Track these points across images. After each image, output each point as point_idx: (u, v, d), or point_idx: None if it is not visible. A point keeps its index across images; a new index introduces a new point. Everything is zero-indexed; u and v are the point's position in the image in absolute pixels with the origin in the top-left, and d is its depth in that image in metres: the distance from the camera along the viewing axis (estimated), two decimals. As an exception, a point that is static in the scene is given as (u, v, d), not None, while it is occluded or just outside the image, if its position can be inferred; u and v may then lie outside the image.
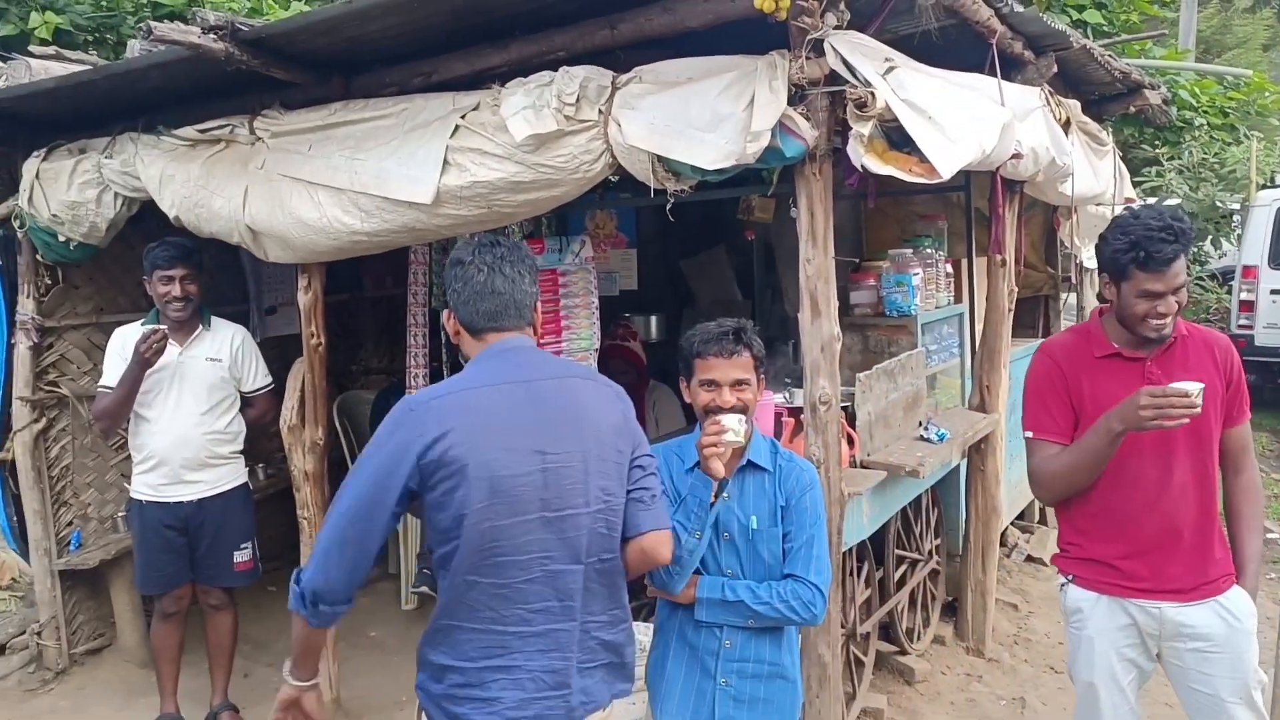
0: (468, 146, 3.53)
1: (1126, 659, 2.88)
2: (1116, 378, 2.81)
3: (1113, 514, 2.84)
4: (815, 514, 2.72)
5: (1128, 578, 2.84)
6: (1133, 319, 2.75)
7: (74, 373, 5.28)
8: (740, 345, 2.65)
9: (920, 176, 3.03)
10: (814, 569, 2.66)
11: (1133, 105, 5.98)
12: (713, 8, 3.24)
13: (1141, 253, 2.66)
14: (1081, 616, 2.93)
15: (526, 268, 2.46)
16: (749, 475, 2.71)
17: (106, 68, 4.31)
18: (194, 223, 4.24)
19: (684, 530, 2.59)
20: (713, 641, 2.69)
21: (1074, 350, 2.92)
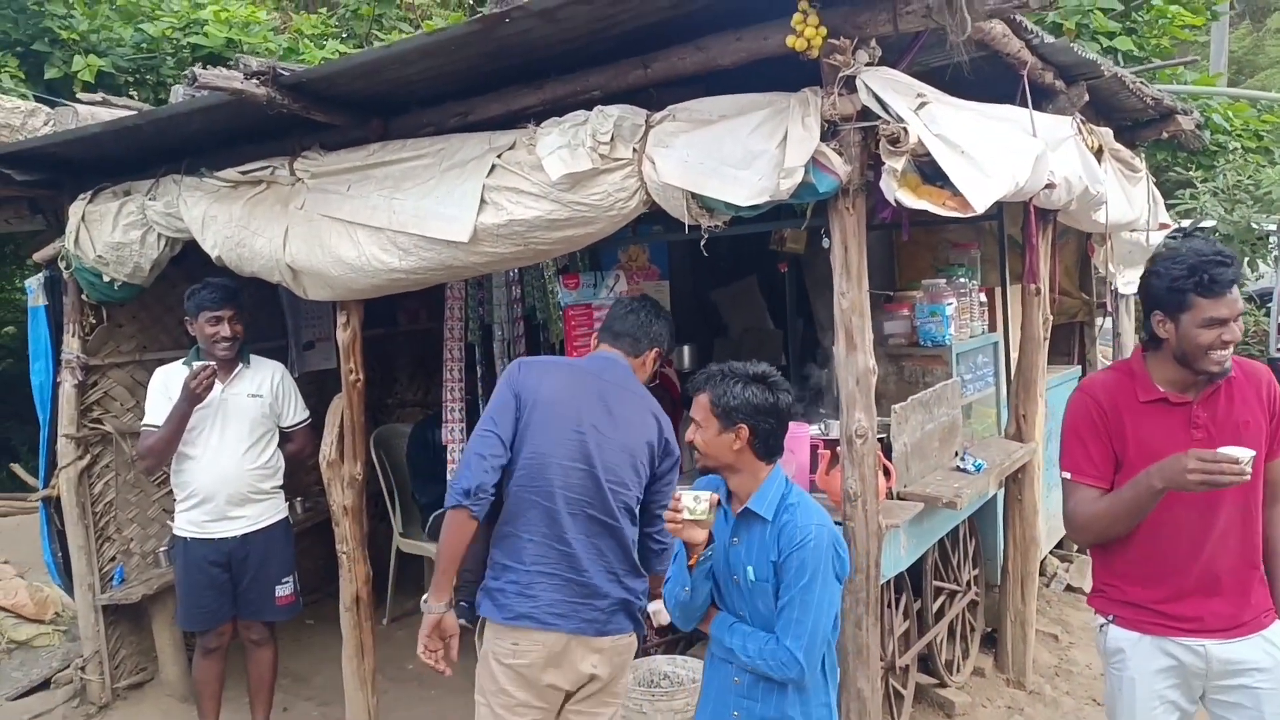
0: (504, 185, 3.58)
1: (1168, 701, 2.80)
2: (1161, 424, 2.74)
3: (1151, 560, 2.78)
4: (800, 574, 2.61)
5: (1170, 619, 2.77)
6: (1196, 352, 2.64)
7: (117, 410, 5.37)
8: (699, 391, 2.77)
9: (954, 210, 3.04)
10: (791, 633, 2.60)
11: (1165, 131, 5.97)
12: (745, 46, 3.28)
13: (1204, 276, 2.58)
14: (1123, 658, 2.85)
15: (662, 320, 3.36)
16: (754, 523, 2.70)
17: (151, 113, 4.41)
18: (235, 262, 4.32)
19: (675, 583, 2.73)
20: (727, 674, 2.75)
21: (1117, 391, 2.83)
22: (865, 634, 3.42)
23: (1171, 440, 2.68)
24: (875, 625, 3.47)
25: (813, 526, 2.65)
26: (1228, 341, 2.63)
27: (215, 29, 8.26)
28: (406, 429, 6.33)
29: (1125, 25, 7.73)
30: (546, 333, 6.14)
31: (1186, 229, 10.28)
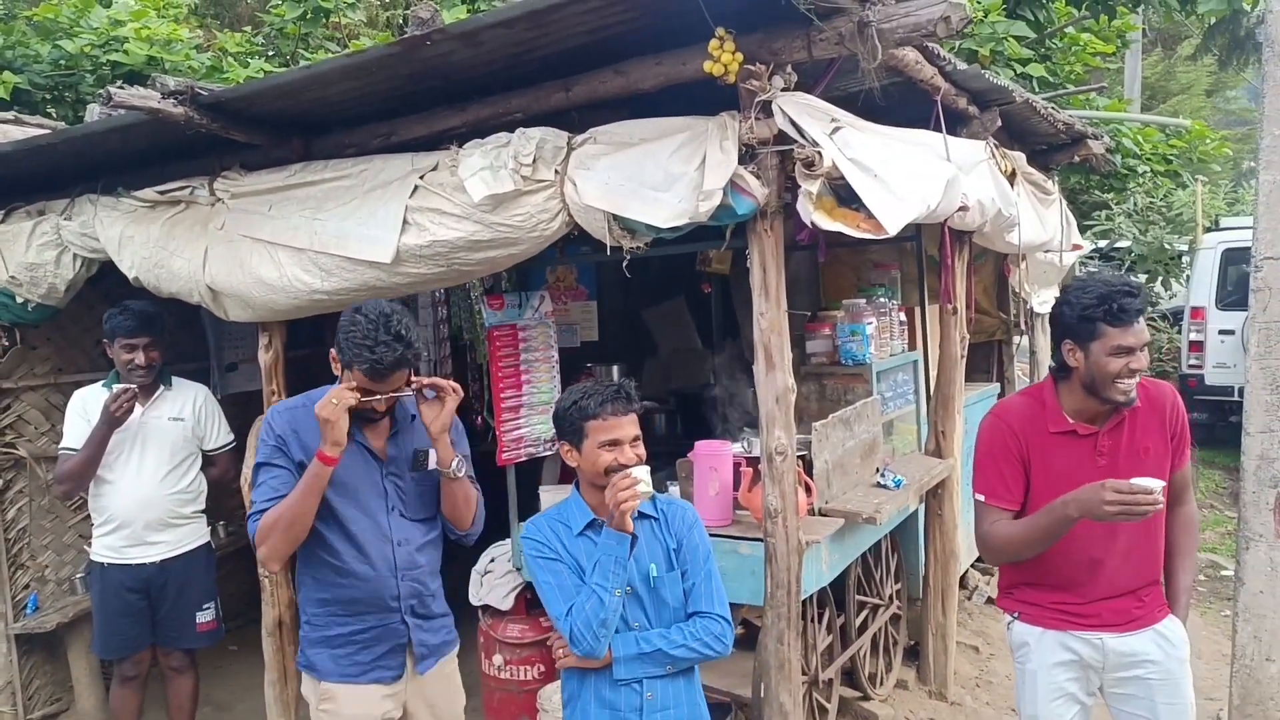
0: (427, 206, 3.59)
1: (1067, 693, 2.93)
2: (1069, 455, 2.84)
3: (1057, 572, 2.90)
4: (706, 550, 2.79)
5: (1070, 616, 2.91)
6: (1104, 380, 2.73)
7: (31, 434, 5.24)
8: (631, 402, 2.71)
9: (868, 232, 3.12)
10: (717, 602, 2.73)
11: (1077, 155, 6.16)
12: (664, 71, 3.34)
13: (1113, 305, 2.68)
14: (1027, 650, 2.98)
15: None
16: (640, 524, 2.72)
17: (65, 131, 4.34)
18: (154, 283, 4.25)
19: (605, 591, 2.59)
20: (635, 698, 2.69)
21: (1028, 419, 2.92)
22: (787, 649, 3.47)
23: (1078, 469, 2.79)
24: (797, 640, 3.53)
25: (687, 506, 2.89)
26: (1134, 370, 2.73)
27: (136, 46, 8.11)
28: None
29: (1039, 53, 7.97)
30: (473, 353, 6.14)
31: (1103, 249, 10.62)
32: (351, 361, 2.81)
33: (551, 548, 2.73)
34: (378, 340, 2.74)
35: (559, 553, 2.72)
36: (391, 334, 2.75)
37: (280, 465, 2.91)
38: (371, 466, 2.98)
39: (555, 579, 2.70)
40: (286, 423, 2.96)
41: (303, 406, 2.99)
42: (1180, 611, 2.93)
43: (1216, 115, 21.56)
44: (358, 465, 2.95)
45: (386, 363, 2.76)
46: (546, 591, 2.71)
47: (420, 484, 3.06)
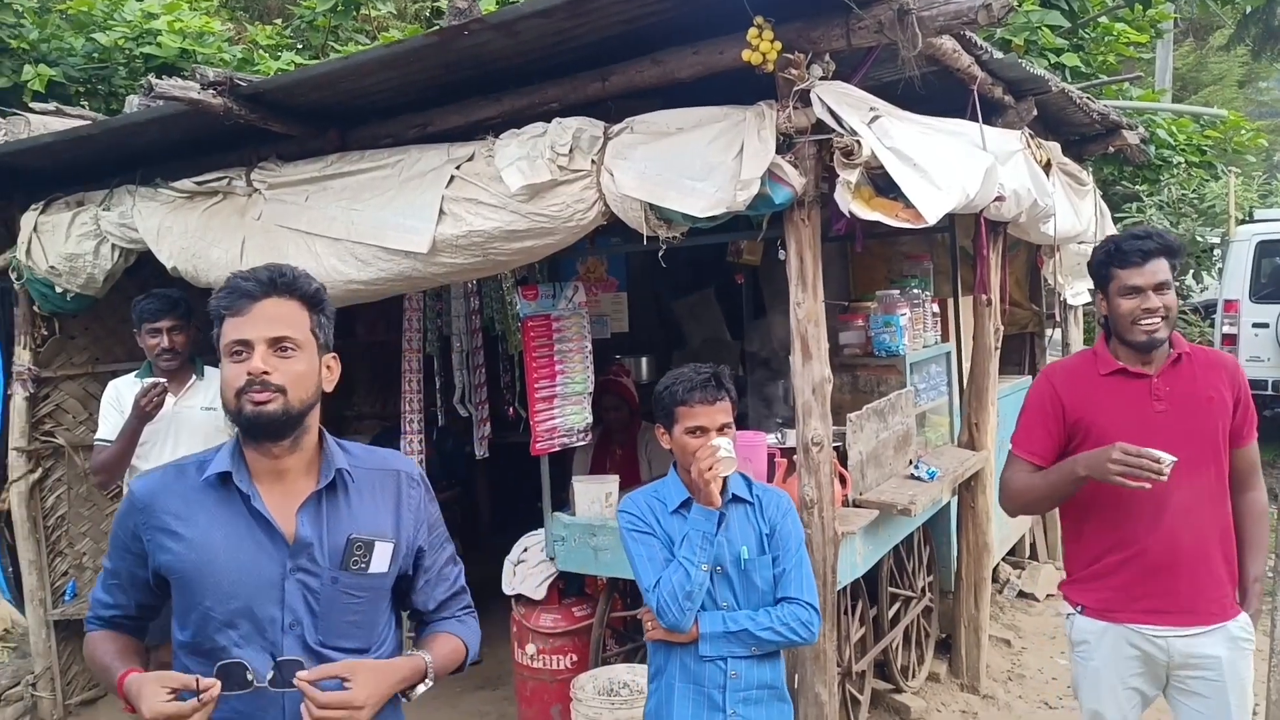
0: (463, 196, 3.60)
1: (1131, 688, 2.89)
2: (1121, 395, 2.84)
3: (1113, 534, 2.85)
4: (798, 537, 2.82)
5: (1132, 600, 2.84)
6: (1123, 323, 2.79)
7: (70, 423, 5.30)
8: (721, 390, 2.72)
9: (906, 222, 3.11)
10: (806, 589, 2.76)
11: (1111, 145, 6.11)
12: (701, 60, 3.33)
13: (1121, 247, 2.79)
14: (1088, 648, 2.94)
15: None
16: (733, 508, 2.77)
17: (105, 123, 4.38)
18: (191, 273, 4.29)
19: (692, 565, 2.64)
20: (719, 675, 2.73)
21: (1075, 371, 2.96)
22: (822, 640, 3.46)
23: (1132, 410, 2.79)
24: (832, 631, 3.53)
25: (783, 494, 2.88)
26: (1149, 310, 2.75)
27: (169, 39, 8.17)
28: (365, 441, 6.30)
29: (1072, 42, 7.90)
30: (505, 344, 6.16)
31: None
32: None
33: (645, 522, 2.78)
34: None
35: (652, 527, 2.77)
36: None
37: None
38: (265, 551, 1.92)
39: (646, 551, 2.76)
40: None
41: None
42: (1251, 605, 2.86)
43: (1249, 106, 21.31)
44: (241, 546, 1.91)
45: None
46: (637, 564, 2.76)
47: (350, 592, 1.98)
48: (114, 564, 2.06)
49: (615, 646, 4.47)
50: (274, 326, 1.92)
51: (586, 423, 4.48)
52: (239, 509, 1.94)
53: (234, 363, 1.92)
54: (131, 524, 1.98)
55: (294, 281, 1.97)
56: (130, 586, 2.05)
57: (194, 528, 1.93)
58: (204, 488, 1.95)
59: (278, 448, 1.95)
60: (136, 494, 1.99)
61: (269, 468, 1.97)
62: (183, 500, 1.95)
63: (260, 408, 1.89)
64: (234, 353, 1.92)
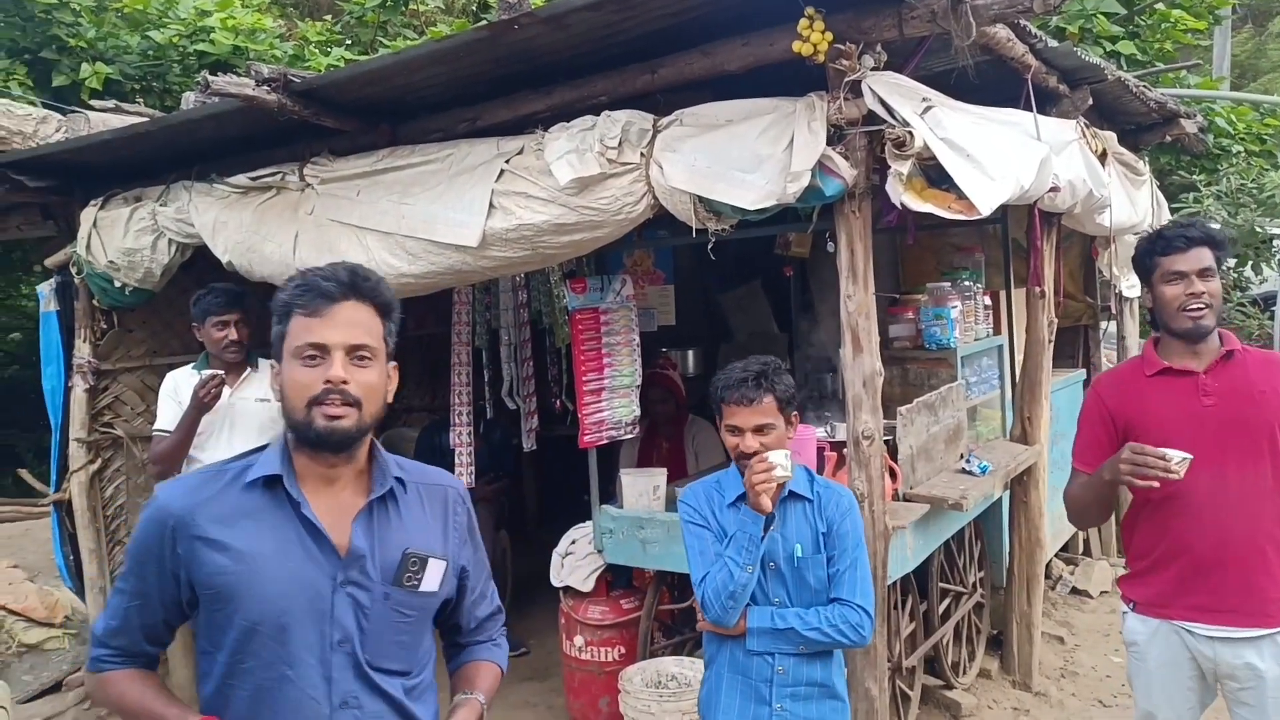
0: (512, 190, 3.62)
1: (1186, 689, 2.86)
2: (1168, 393, 2.81)
3: (1164, 530, 2.82)
4: (856, 538, 2.76)
5: (1182, 595, 2.80)
6: (1168, 312, 2.77)
7: (128, 414, 5.40)
8: (761, 390, 2.65)
9: (959, 213, 3.07)
10: (860, 592, 2.71)
11: (1169, 134, 5.99)
12: (751, 51, 3.32)
13: (1160, 238, 2.78)
14: (1139, 649, 2.92)
15: None
16: (791, 504, 2.75)
17: (162, 119, 4.46)
18: (246, 267, 4.36)
19: (736, 565, 2.63)
20: (766, 669, 2.72)
21: (1122, 378, 2.95)
22: (874, 635, 3.44)
23: (1180, 407, 2.75)
24: (882, 626, 3.50)
25: (845, 492, 2.84)
26: (1194, 295, 2.72)
27: (222, 36, 8.31)
28: (414, 433, 6.37)
29: (1128, 29, 7.76)
30: (552, 337, 6.18)
31: (1190, 232, 10.33)
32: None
33: (702, 514, 2.78)
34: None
35: (708, 520, 2.77)
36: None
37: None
38: (315, 562, 1.79)
39: (699, 544, 2.76)
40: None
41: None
42: None
43: (1310, 94, 20.77)
44: (289, 554, 1.78)
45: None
46: (691, 555, 2.78)
47: (400, 610, 1.86)
48: (135, 584, 1.83)
49: (663, 639, 4.48)
50: (353, 333, 1.79)
51: (634, 415, 4.49)
52: (287, 515, 1.79)
53: (307, 367, 1.77)
54: (164, 535, 1.78)
55: (376, 286, 1.85)
56: (159, 606, 1.83)
57: (240, 536, 1.77)
58: (246, 492, 1.80)
59: (335, 457, 1.83)
60: (168, 503, 1.80)
61: (320, 474, 1.84)
62: (225, 506, 1.79)
63: (334, 423, 1.76)
64: (308, 356, 1.77)
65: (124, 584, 1.85)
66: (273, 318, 1.84)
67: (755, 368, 2.68)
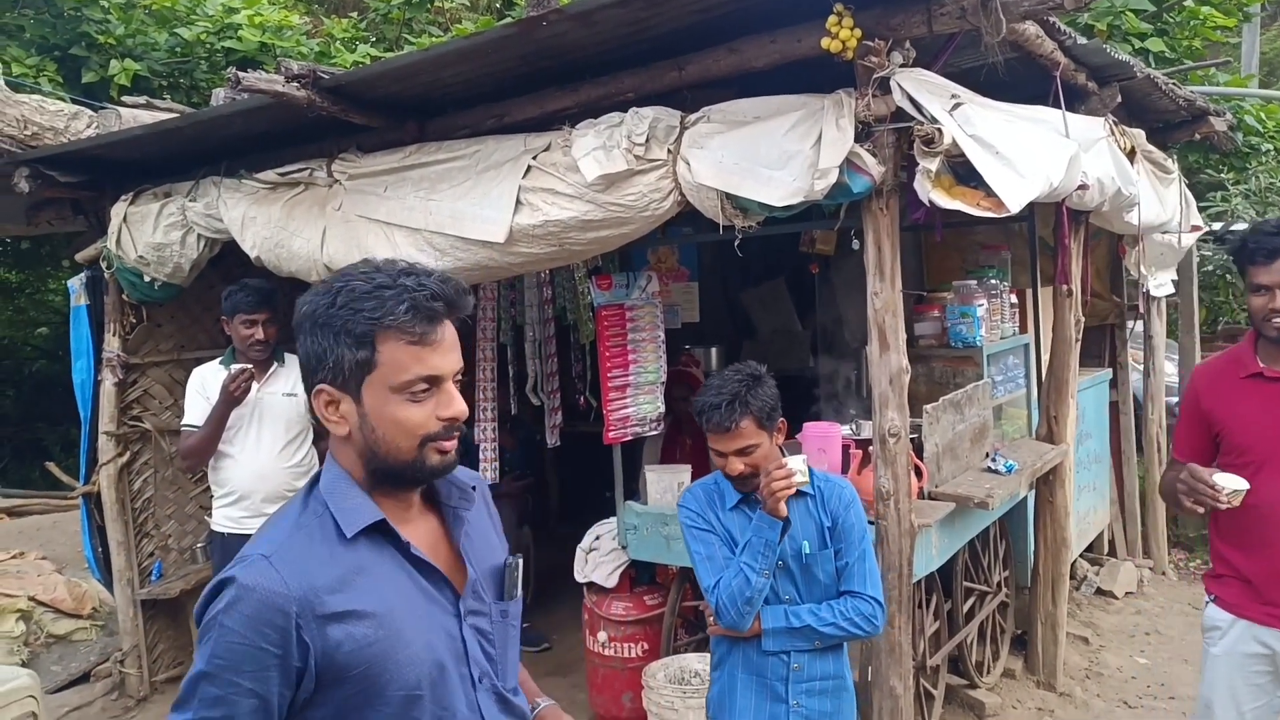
0: (539, 186, 3.63)
1: (1254, 685, 2.86)
2: (1258, 399, 2.81)
3: (1248, 536, 2.83)
4: (861, 529, 2.76)
5: (1268, 604, 2.80)
6: (1256, 319, 2.80)
7: (156, 408, 5.45)
8: (735, 415, 2.59)
9: (988, 211, 3.06)
10: (870, 583, 2.72)
11: (1198, 132, 5.95)
12: (779, 48, 3.31)
13: (1249, 244, 2.76)
14: (1217, 634, 2.93)
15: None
16: (794, 501, 2.71)
17: (192, 115, 4.50)
18: (274, 262, 4.39)
19: (753, 571, 2.62)
20: (781, 667, 2.73)
21: (1219, 372, 2.96)
22: (898, 632, 3.44)
23: (1269, 416, 2.76)
24: (907, 624, 3.49)
25: (846, 485, 2.83)
26: (1276, 310, 2.72)
27: (249, 33, 8.36)
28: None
29: (1157, 27, 7.68)
30: (576, 333, 6.19)
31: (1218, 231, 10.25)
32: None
33: (705, 519, 2.77)
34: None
35: (712, 524, 2.76)
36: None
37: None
38: (438, 603, 1.61)
39: (706, 550, 2.74)
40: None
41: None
42: None
43: (1340, 92, 20.53)
44: (415, 604, 1.57)
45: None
46: (698, 563, 2.76)
47: (513, 623, 1.76)
48: (231, 708, 1.43)
49: (686, 635, 4.48)
50: (457, 356, 1.57)
51: (659, 412, 4.50)
52: (395, 559, 1.55)
53: (416, 402, 1.52)
54: (286, 628, 1.42)
55: (466, 297, 1.59)
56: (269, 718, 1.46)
57: (366, 598, 1.49)
58: (347, 547, 1.51)
59: (417, 489, 1.65)
60: (274, 584, 1.43)
61: (398, 507, 1.61)
62: (338, 568, 1.49)
63: (447, 458, 1.57)
64: (421, 390, 1.52)
65: (211, 712, 1.44)
66: (328, 336, 1.53)
67: (730, 389, 2.62)
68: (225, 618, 1.43)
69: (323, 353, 1.53)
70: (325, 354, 1.53)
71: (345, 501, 1.54)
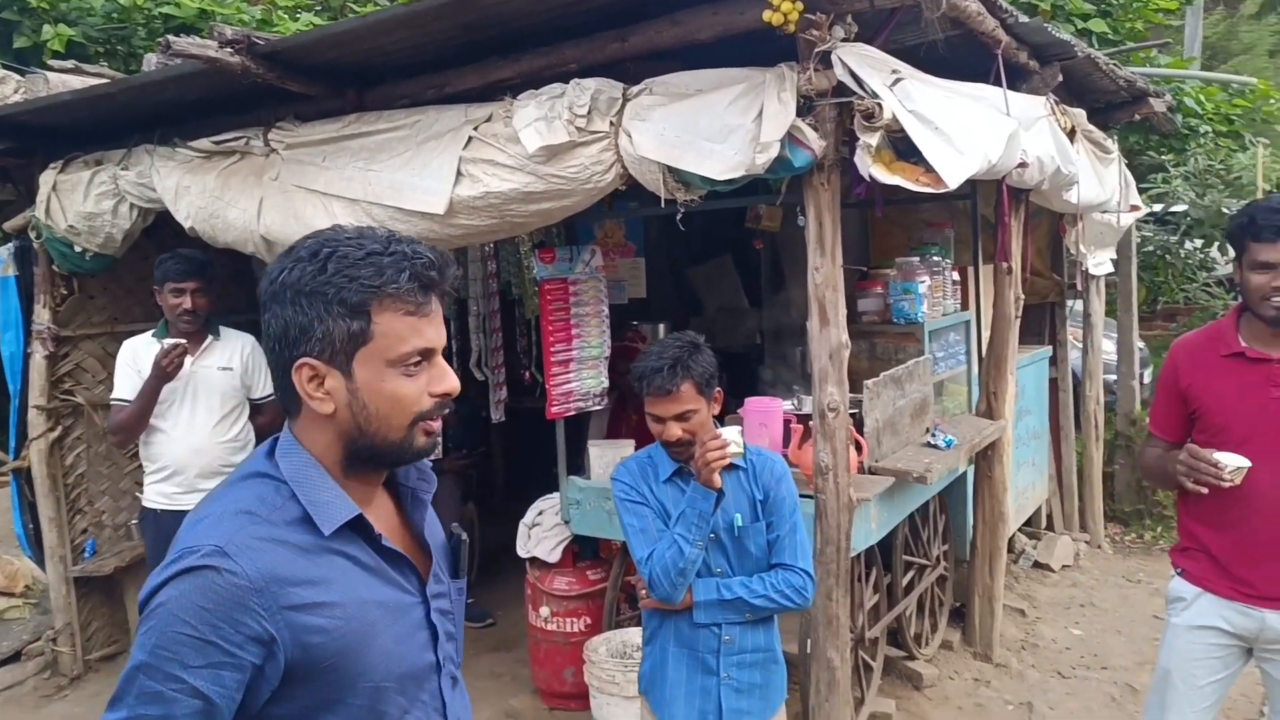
0: (480, 158, 3.58)
1: (1213, 657, 2.87)
2: (1238, 379, 2.79)
3: (1224, 514, 2.81)
4: (793, 503, 2.79)
5: (1235, 581, 2.81)
6: (1252, 297, 2.73)
7: (89, 381, 5.34)
8: (678, 378, 2.60)
9: (927, 186, 3.07)
10: (800, 555, 2.75)
11: (1138, 113, 6.01)
12: (721, 20, 3.29)
13: (1255, 219, 2.70)
14: (1181, 605, 2.94)
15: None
16: (727, 475, 2.71)
17: (123, 81, 4.38)
18: (209, 233, 4.29)
19: (686, 542, 2.62)
20: (712, 640, 2.74)
21: (1198, 348, 2.92)
22: (835, 605, 3.47)
23: (1249, 397, 2.75)
24: (845, 597, 3.52)
25: (777, 459, 2.85)
26: (1278, 288, 2.68)
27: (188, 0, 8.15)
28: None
29: (1100, 8, 7.76)
30: (521, 308, 6.16)
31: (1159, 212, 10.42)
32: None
33: (639, 491, 2.77)
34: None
35: (645, 497, 2.76)
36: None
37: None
38: (404, 590, 1.53)
39: (639, 522, 2.74)
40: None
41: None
42: None
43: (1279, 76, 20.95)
44: (385, 594, 1.50)
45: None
46: (630, 535, 2.76)
47: (464, 599, 1.71)
48: (164, 707, 1.35)
49: (629, 609, 4.49)
50: (443, 329, 1.50)
51: (602, 387, 4.48)
52: (364, 551, 1.48)
53: (410, 376, 1.44)
54: (234, 620, 1.32)
55: (453, 267, 1.51)
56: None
57: (337, 590, 1.42)
58: (316, 537, 1.43)
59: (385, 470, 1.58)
60: (241, 574, 1.34)
61: (365, 490, 1.53)
62: (307, 560, 1.40)
63: (432, 439, 1.49)
64: (414, 364, 1.44)
65: (162, 709, 1.35)
66: (317, 305, 1.41)
67: (670, 354, 2.62)
68: (175, 607, 1.32)
69: (308, 323, 1.41)
70: (311, 325, 1.40)
71: (318, 494, 1.44)
